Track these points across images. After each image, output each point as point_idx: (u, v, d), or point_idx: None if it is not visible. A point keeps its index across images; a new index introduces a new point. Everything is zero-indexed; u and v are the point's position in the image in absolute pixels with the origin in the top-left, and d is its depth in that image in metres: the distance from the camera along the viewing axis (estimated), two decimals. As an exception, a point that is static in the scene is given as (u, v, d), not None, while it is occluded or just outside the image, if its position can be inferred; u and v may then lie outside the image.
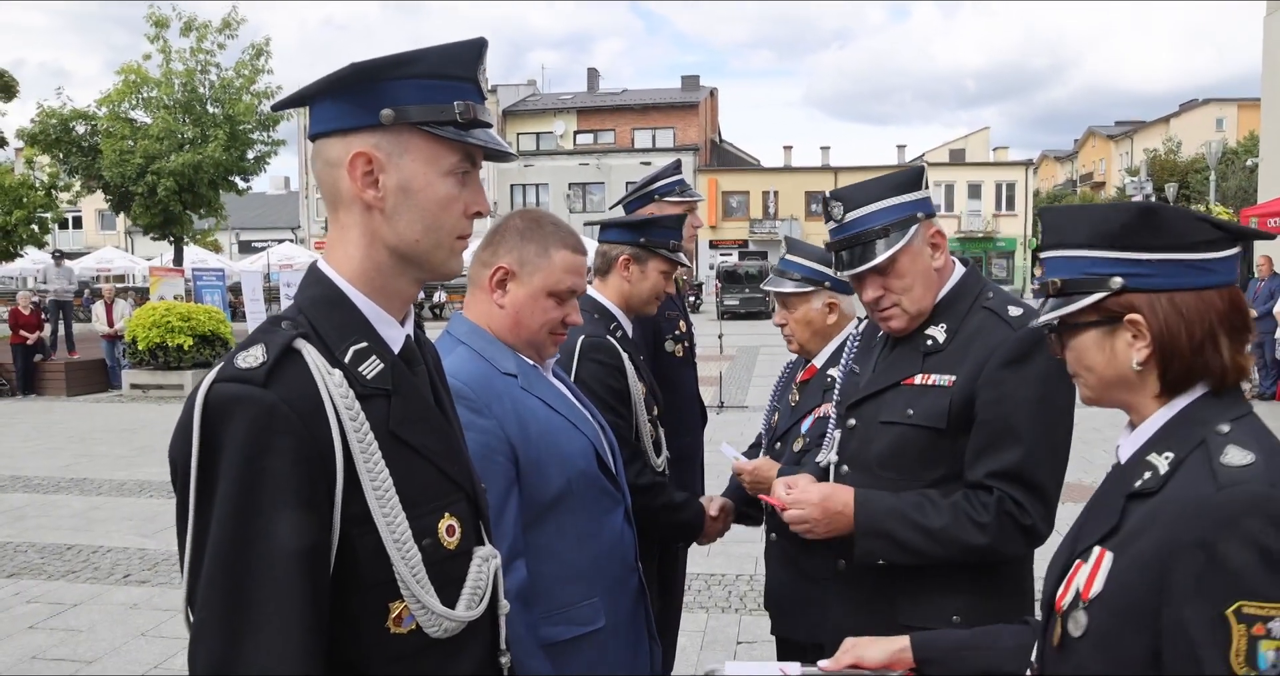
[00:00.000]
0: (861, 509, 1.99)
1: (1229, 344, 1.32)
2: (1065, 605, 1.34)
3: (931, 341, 2.06)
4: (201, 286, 19.08)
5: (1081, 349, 1.40)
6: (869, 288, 2.08)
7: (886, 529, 1.96)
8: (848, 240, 2.07)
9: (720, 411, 11.41)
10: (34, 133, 22.97)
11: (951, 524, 1.92)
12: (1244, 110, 50.61)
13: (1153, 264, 1.33)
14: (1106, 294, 1.35)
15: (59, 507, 7.80)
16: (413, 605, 1.25)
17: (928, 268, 2.06)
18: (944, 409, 1.98)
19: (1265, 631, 1.11)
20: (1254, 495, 1.16)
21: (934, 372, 2.02)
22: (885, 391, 2.09)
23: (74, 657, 4.76)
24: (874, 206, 2.04)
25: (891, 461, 2.05)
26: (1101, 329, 1.37)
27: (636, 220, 2.86)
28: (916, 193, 2.06)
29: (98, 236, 51.08)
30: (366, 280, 1.31)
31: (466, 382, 1.87)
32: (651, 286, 2.80)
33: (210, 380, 1.15)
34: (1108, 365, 1.37)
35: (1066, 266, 1.40)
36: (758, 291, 31.42)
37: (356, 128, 1.26)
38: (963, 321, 2.04)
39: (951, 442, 1.99)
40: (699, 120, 48.76)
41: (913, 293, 2.05)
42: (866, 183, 2.09)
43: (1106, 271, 1.35)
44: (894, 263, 2.02)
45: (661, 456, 2.79)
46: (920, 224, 2.04)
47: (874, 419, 2.10)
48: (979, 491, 1.94)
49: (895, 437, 2.05)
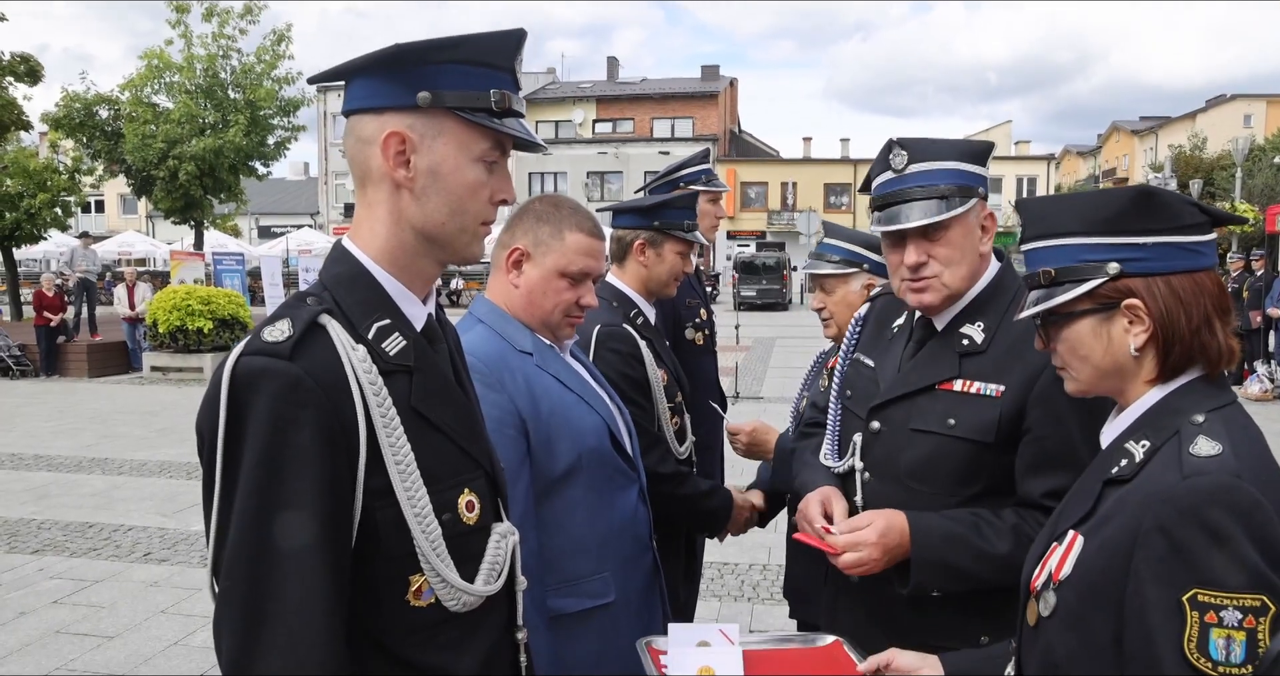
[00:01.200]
0: (919, 537, 1.78)
1: (1221, 326, 1.34)
2: (1039, 586, 1.36)
3: (968, 341, 1.88)
4: (221, 270, 19.23)
5: (1075, 339, 1.39)
6: (912, 250, 1.88)
7: (945, 559, 1.77)
8: (902, 193, 1.87)
9: (736, 401, 11.42)
10: (58, 117, 23.20)
11: (1015, 549, 1.71)
12: (1274, 106, 49.90)
13: (1149, 248, 1.33)
14: (1104, 280, 1.34)
15: (81, 486, 7.91)
16: (432, 578, 1.27)
17: (975, 247, 1.90)
18: (992, 422, 1.80)
19: (1217, 619, 1.13)
20: (1216, 485, 1.18)
21: (977, 380, 1.84)
22: (917, 395, 1.90)
23: (96, 633, 4.84)
24: (943, 164, 1.86)
25: (925, 473, 1.87)
26: (1097, 316, 1.36)
27: (647, 203, 2.84)
28: (981, 167, 1.91)
29: (119, 220, 51.44)
30: (391, 258, 1.33)
31: (481, 358, 1.90)
32: (669, 268, 2.79)
33: (237, 353, 1.18)
34: (1104, 353, 1.37)
35: (1057, 255, 1.38)
36: (775, 282, 31.37)
37: (393, 107, 1.28)
38: (1001, 321, 1.88)
39: (996, 457, 1.81)
40: (718, 110, 48.57)
41: (956, 268, 1.88)
42: (939, 140, 1.90)
43: (1102, 257, 1.34)
44: (947, 229, 1.85)
45: (686, 443, 2.77)
46: (978, 200, 1.89)
47: (904, 425, 1.91)
48: (1035, 511, 1.77)
49: (931, 448, 1.86)
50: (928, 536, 1.78)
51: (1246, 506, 1.16)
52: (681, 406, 2.79)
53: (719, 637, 1.75)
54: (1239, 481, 1.18)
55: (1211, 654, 1.13)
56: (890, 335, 2.09)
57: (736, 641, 1.74)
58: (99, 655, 4.57)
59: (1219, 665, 1.13)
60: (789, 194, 47.21)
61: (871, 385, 2.03)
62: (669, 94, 48.97)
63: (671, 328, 3.27)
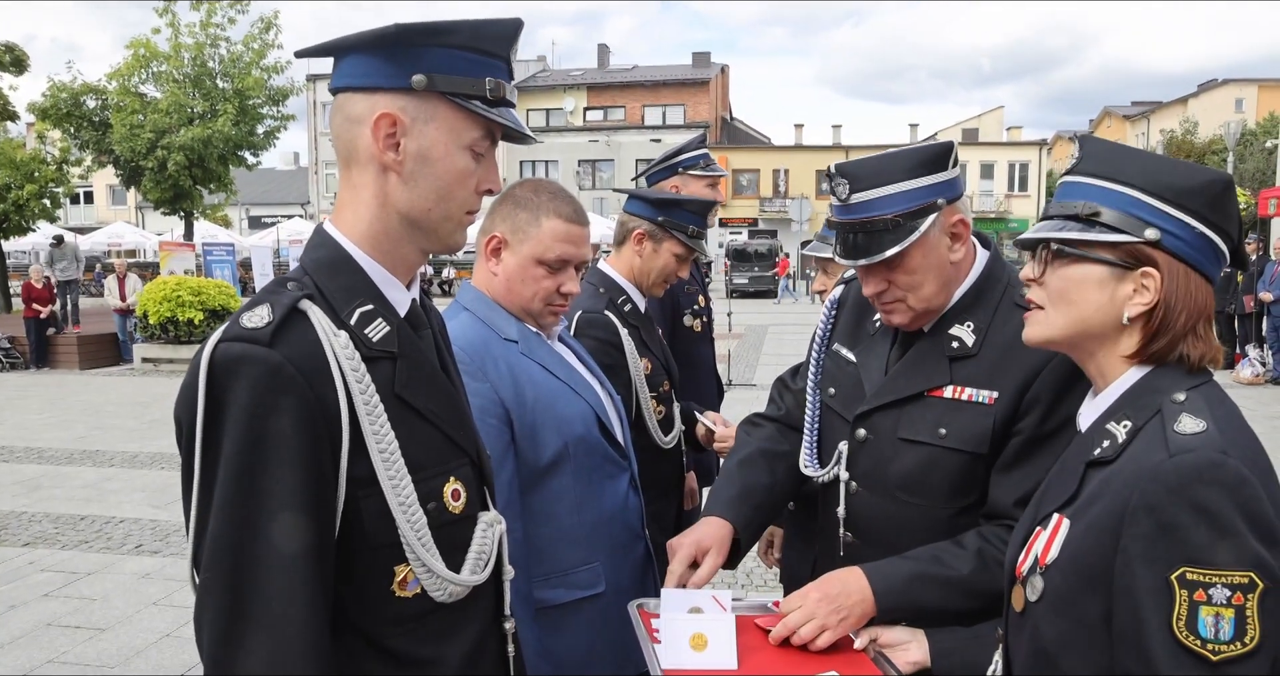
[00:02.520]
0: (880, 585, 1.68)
1: (1206, 333, 1.33)
2: (1025, 571, 1.35)
3: (958, 343, 1.77)
4: (211, 261, 19.14)
5: (1077, 279, 1.35)
6: (871, 281, 1.78)
7: (914, 599, 1.68)
8: (851, 225, 1.76)
9: (730, 388, 11.42)
10: (45, 107, 23.00)
11: (977, 570, 1.65)
12: (1265, 91, 49.94)
13: (1197, 235, 1.31)
14: (1139, 240, 1.31)
15: (72, 479, 7.88)
16: (418, 568, 1.25)
17: (943, 262, 1.75)
18: (986, 431, 1.70)
19: (1206, 597, 1.13)
20: (1203, 462, 1.17)
21: (969, 386, 1.74)
22: (906, 403, 1.79)
23: (88, 625, 4.82)
24: (886, 190, 1.71)
25: (916, 485, 1.77)
26: (1111, 269, 1.33)
27: (661, 197, 2.78)
28: (940, 174, 1.73)
29: (109, 211, 51.18)
30: (374, 243, 1.31)
31: (464, 347, 1.87)
32: (662, 267, 2.73)
33: (216, 339, 1.15)
34: (1098, 308, 1.33)
35: (1107, 197, 1.33)
36: (767, 270, 31.37)
37: (385, 88, 1.26)
38: (992, 319, 1.77)
39: (990, 468, 1.72)
40: (710, 97, 48.45)
41: (921, 290, 1.75)
42: (882, 158, 1.75)
43: (1149, 219, 1.31)
44: (903, 258, 1.72)
45: (673, 433, 2.75)
46: (940, 212, 1.72)
47: (892, 434, 1.80)
48: (997, 528, 1.69)
49: (922, 459, 1.76)
50: (887, 582, 1.68)
51: (1234, 482, 1.16)
52: (670, 395, 2.77)
53: (711, 603, 1.73)
54: (1226, 458, 1.17)
55: (1200, 631, 1.13)
56: (873, 330, 1.97)
57: (729, 608, 1.73)
58: (90, 647, 4.55)
59: (1208, 642, 1.12)
60: (781, 181, 47.16)
61: (855, 385, 1.91)
62: (660, 81, 48.83)
63: (670, 314, 3.25)
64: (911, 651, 1.64)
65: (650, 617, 1.78)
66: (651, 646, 1.66)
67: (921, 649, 1.64)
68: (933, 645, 1.64)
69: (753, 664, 1.64)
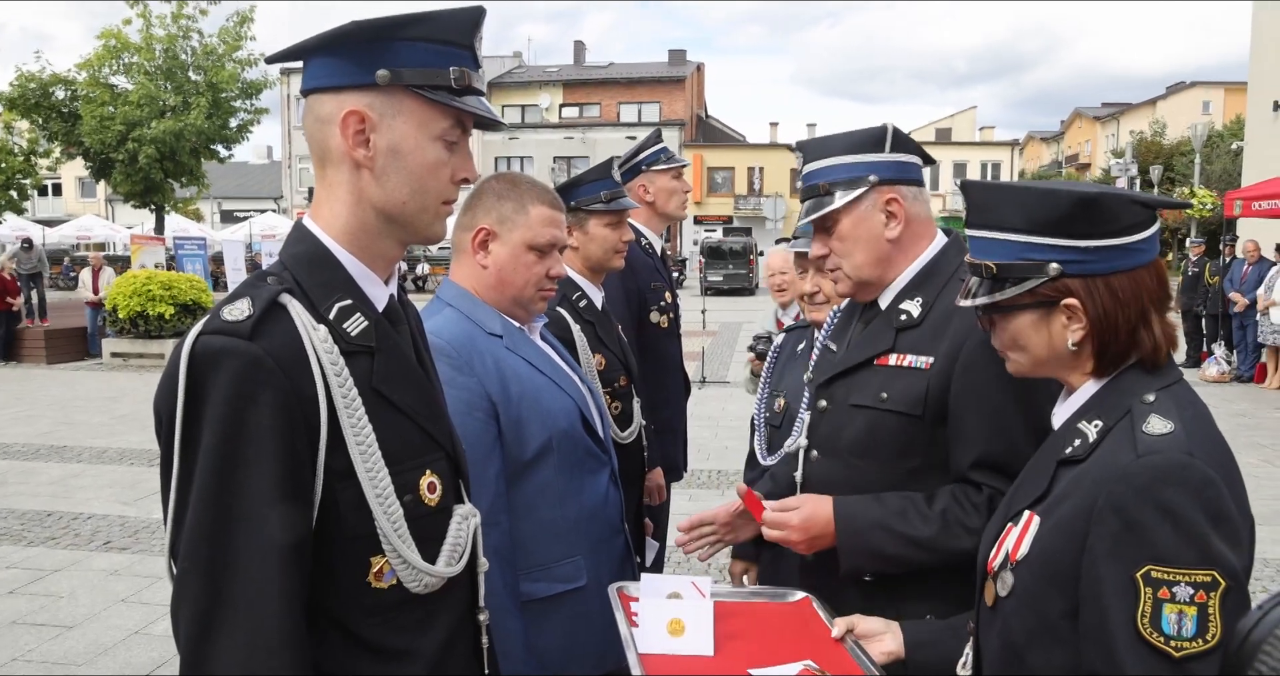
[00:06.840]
0: (843, 524, 1.83)
1: (1158, 319, 1.37)
2: (996, 566, 1.39)
3: (906, 316, 1.91)
4: (183, 255, 18.89)
5: (1016, 331, 1.42)
6: (816, 243, 2.02)
7: (871, 545, 1.81)
8: (804, 191, 2.02)
9: (702, 386, 11.46)
10: (12, 97, 22.60)
11: (940, 532, 1.77)
12: (1231, 94, 50.62)
13: (1090, 251, 1.35)
14: (1044, 280, 1.36)
15: (38, 474, 7.77)
16: (394, 560, 1.27)
17: (876, 235, 1.92)
18: (920, 394, 1.83)
19: (1170, 595, 1.16)
20: (1170, 463, 1.21)
21: (909, 353, 1.88)
22: (857, 370, 1.94)
23: (55, 622, 4.77)
24: (826, 162, 1.96)
25: (865, 449, 1.90)
26: (1037, 312, 1.39)
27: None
28: (875, 154, 1.93)
29: (78, 204, 50.43)
30: (352, 239, 1.32)
31: (449, 341, 1.89)
32: (601, 243, 2.83)
33: (196, 332, 1.16)
34: (1043, 346, 1.41)
35: (1000, 249, 1.40)
36: (741, 267, 31.44)
37: (351, 86, 1.27)
38: (939, 295, 1.89)
39: (930, 431, 1.83)
40: (685, 95, 48.47)
41: (853, 258, 1.94)
42: (828, 136, 2.01)
43: (1044, 257, 1.36)
44: (834, 222, 1.94)
45: (630, 428, 2.74)
46: (873, 188, 1.91)
47: (845, 401, 1.94)
48: (969, 488, 1.80)
49: (868, 423, 1.89)
50: (851, 522, 1.83)
51: (1199, 484, 1.19)
52: (628, 391, 2.78)
53: (690, 589, 1.76)
54: (1192, 459, 1.21)
55: (1164, 628, 1.16)
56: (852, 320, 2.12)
57: (708, 594, 1.76)
58: (57, 645, 4.51)
59: (1171, 639, 1.16)
60: (756, 179, 47.29)
61: (830, 367, 2.06)
62: (636, 79, 48.77)
63: (636, 311, 3.27)
64: (886, 642, 1.67)
65: (630, 600, 1.80)
66: (629, 629, 1.69)
67: (896, 640, 1.67)
68: (908, 636, 1.67)
69: (729, 651, 1.67)
